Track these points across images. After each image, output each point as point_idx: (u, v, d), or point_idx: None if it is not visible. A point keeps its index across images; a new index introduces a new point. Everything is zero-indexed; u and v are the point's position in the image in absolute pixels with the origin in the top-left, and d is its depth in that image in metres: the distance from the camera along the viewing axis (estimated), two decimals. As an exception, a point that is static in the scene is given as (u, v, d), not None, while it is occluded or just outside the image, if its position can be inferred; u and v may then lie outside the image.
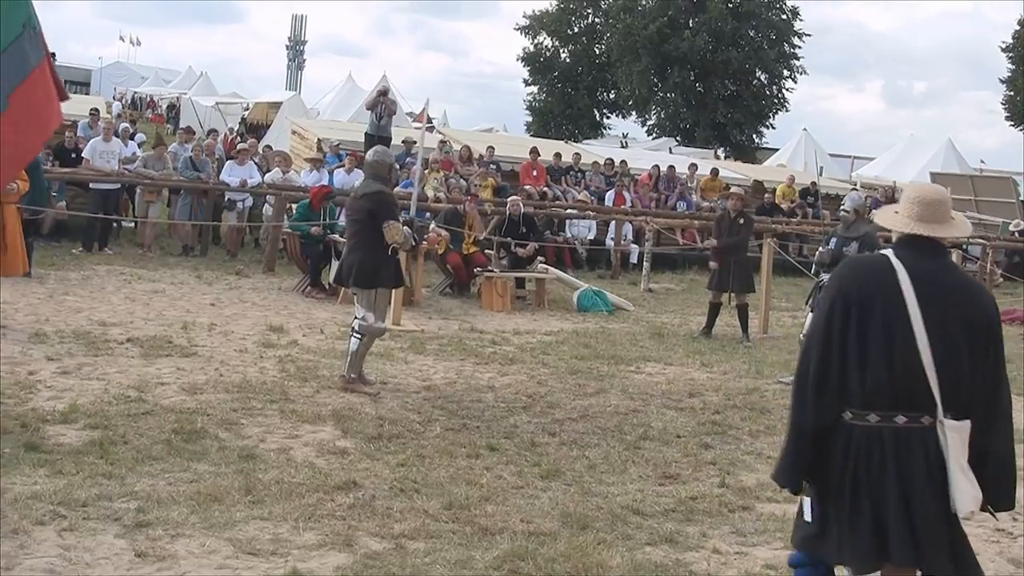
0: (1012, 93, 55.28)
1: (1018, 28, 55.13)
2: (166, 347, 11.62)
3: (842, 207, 13.26)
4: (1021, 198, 34.39)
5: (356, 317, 10.62)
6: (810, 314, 12.95)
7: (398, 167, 15.79)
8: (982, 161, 44.96)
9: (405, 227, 10.87)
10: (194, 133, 25.31)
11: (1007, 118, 56.81)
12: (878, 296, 4.37)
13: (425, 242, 16.11)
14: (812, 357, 4.47)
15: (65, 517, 6.32)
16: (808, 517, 4.60)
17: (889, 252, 4.53)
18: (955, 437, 4.33)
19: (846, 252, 12.41)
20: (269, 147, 26.10)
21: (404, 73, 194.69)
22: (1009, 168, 45.43)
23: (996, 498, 4.49)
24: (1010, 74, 55.64)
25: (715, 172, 28.45)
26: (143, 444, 7.95)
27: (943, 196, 4.61)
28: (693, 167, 28.65)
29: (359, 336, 10.49)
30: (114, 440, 7.96)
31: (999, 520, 4.91)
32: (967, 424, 4.37)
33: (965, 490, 4.32)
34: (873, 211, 28.33)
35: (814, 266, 13.54)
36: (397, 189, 16.96)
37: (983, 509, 4.50)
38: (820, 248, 13.46)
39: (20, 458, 7.32)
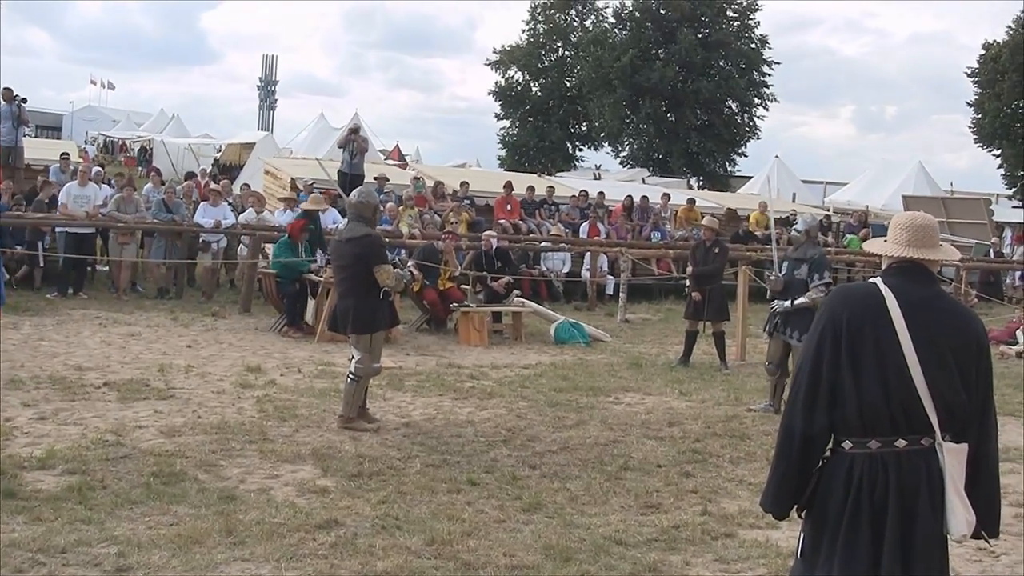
0: (980, 116, 55.75)
1: (983, 52, 55.68)
2: (143, 390, 11.57)
3: (794, 227, 13.30)
4: (993, 218, 34.61)
5: (352, 359, 10.59)
6: (769, 340, 13.06)
7: (382, 208, 15.76)
8: (952, 184, 45.21)
9: (396, 268, 10.87)
10: (160, 174, 25.31)
11: (975, 140, 57.26)
12: (868, 323, 4.37)
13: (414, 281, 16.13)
14: (801, 386, 4.46)
15: (44, 564, 6.27)
16: (800, 554, 4.58)
17: (878, 280, 4.54)
18: (953, 460, 4.33)
19: (797, 276, 12.47)
20: (247, 186, 26.10)
21: (376, 110, 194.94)
22: (979, 189, 45.79)
23: (985, 523, 4.49)
24: (977, 97, 56.13)
25: (691, 202, 28.55)
26: (122, 488, 7.91)
27: (932, 222, 4.65)
28: (666, 197, 28.75)
29: (355, 379, 10.47)
30: (92, 485, 7.92)
31: (989, 543, 4.90)
32: (964, 447, 4.37)
33: (960, 513, 4.31)
34: (846, 235, 28.49)
35: (768, 293, 13.53)
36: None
37: (975, 535, 4.49)
38: (771, 275, 13.46)
39: (-2, 506, 7.27)
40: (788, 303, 12.37)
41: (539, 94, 71.40)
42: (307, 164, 30.32)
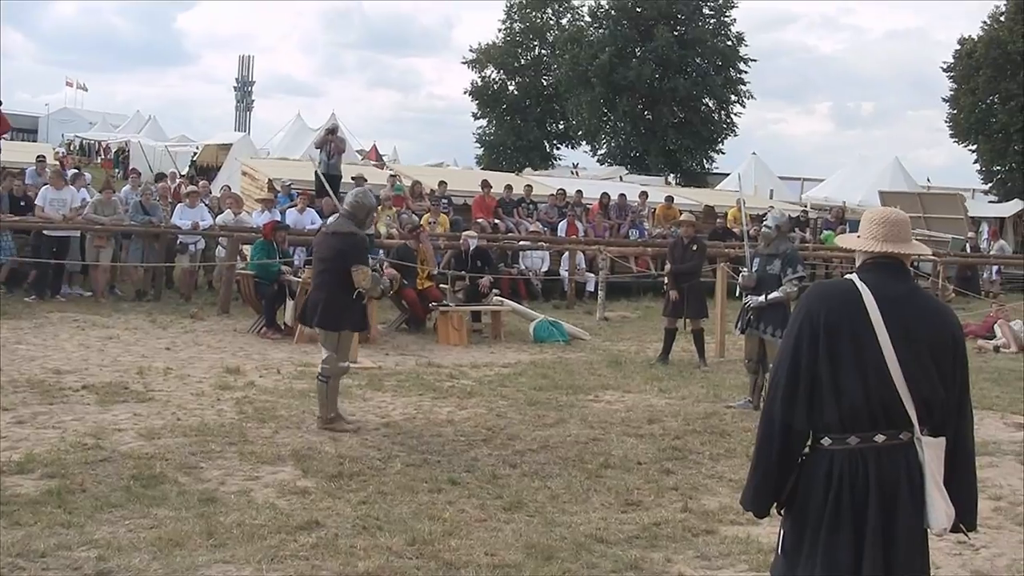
0: (955, 111, 55.97)
1: (958, 48, 55.89)
2: (122, 393, 11.54)
3: (764, 223, 13.32)
4: (968, 214, 34.79)
5: (321, 360, 10.59)
6: (743, 336, 13.11)
7: (375, 213, 15.68)
8: (928, 179, 45.41)
9: (374, 272, 10.85)
10: (139, 175, 25.21)
11: (951, 136, 57.48)
12: (846, 320, 4.38)
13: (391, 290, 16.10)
14: (779, 384, 4.47)
15: (24, 569, 6.24)
16: (780, 550, 4.59)
17: (854, 276, 4.55)
18: (932, 453, 4.35)
19: (769, 271, 12.52)
20: (227, 187, 26.01)
21: (354, 110, 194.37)
22: (955, 185, 45.98)
23: (964, 516, 4.51)
24: (952, 93, 56.36)
25: (670, 200, 28.62)
26: (102, 491, 7.88)
27: (903, 217, 4.68)
28: (644, 195, 28.80)
29: (324, 379, 10.45)
30: (72, 489, 7.89)
31: (968, 536, 4.92)
32: (943, 441, 4.39)
33: (940, 507, 4.33)
34: (823, 231, 28.62)
35: (739, 289, 13.57)
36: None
37: (955, 529, 4.51)
38: (743, 271, 13.47)
39: (-23, 510, 7.24)
40: (762, 298, 12.42)
41: (516, 93, 71.42)
42: (285, 165, 30.36)
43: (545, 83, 71.23)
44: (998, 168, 54.44)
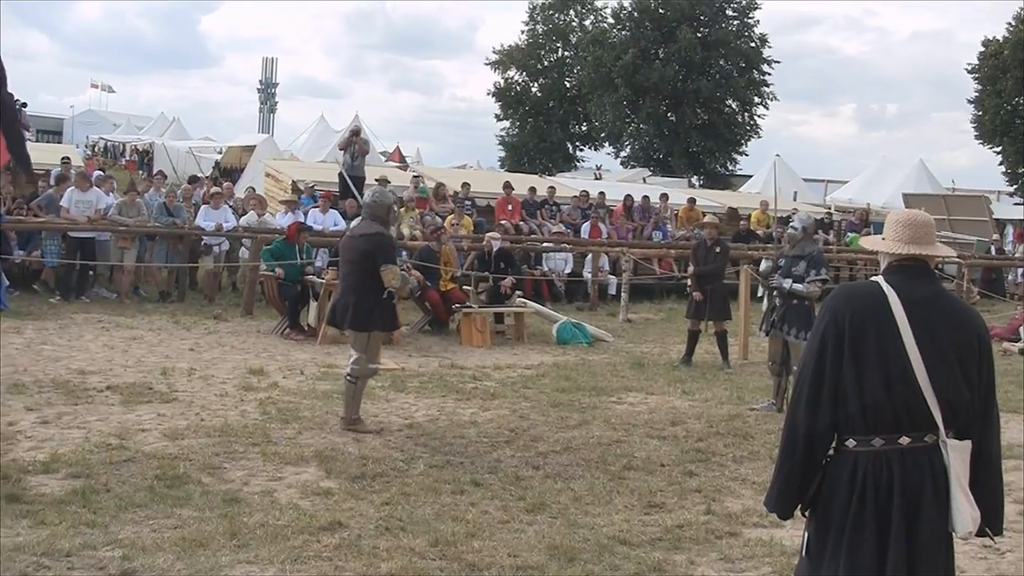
0: (980, 113, 55.79)
1: (983, 49, 55.71)
2: (146, 393, 11.57)
3: (791, 224, 13.22)
4: (993, 216, 34.63)
5: (350, 360, 10.60)
6: (766, 339, 13.05)
7: (396, 209, 15.71)
8: (953, 181, 45.23)
9: (402, 272, 10.85)
10: (165, 177, 25.29)
11: (976, 137, 57.30)
12: (871, 322, 4.36)
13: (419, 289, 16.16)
14: (804, 385, 4.46)
15: (49, 568, 6.27)
16: (805, 552, 4.58)
17: (879, 279, 4.54)
18: (957, 456, 4.33)
19: (794, 272, 12.43)
20: (252, 189, 26.06)
21: (377, 112, 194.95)
22: (980, 187, 45.79)
23: (989, 520, 4.49)
24: (977, 94, 56.18)
25: (692, 202, 28.57)
26: (126, 491, 7.91)
27: (928, 219, 4.66)
28: (664, 197, 28.76)
29: (353, 380, 10.47)
30: (96, 488, 7.92)
31: (994, 540, 4.89)
32: (968, 444, 4.37)
33: (965, 511, 4.31)
34: (848, 233, 28.52)
35: (760, 288, 13.41)
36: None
37: (980, 533, 4.49)
38: (770, 272, 12.99)
39: (1, 510, 7.26)
40: (787, 283, 12.30)
41: (539, 94, 71.50)
42: (308, 166, 30.44)
43: (568, 84, 71.36)
44: (1023, 170, 54.24)
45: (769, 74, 64.86)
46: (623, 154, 66.50)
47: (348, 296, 10.60)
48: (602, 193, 27.72)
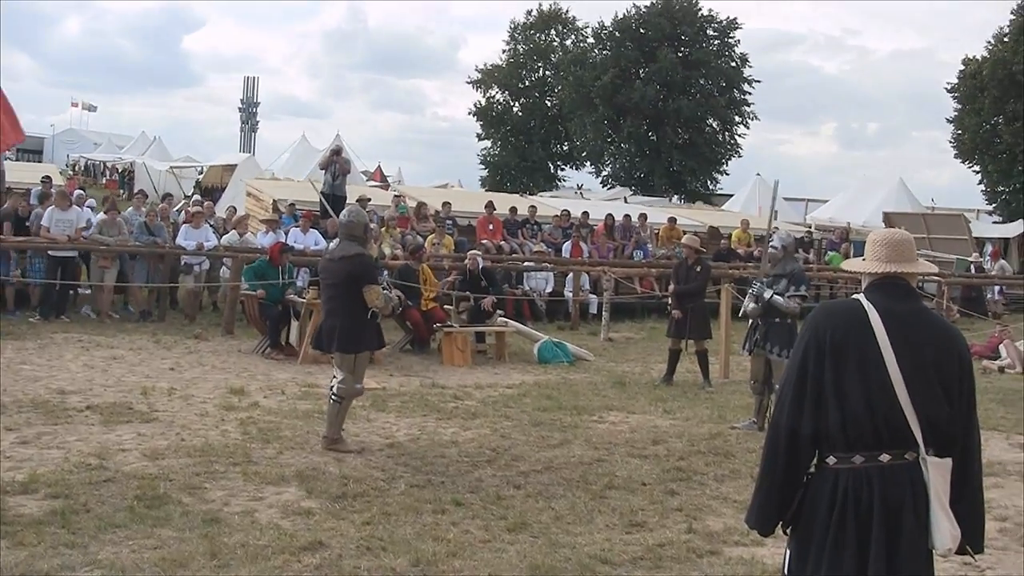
0: (959, 132, 56.10)
1: (962, 68, 56.03)
2: (126, 413, 11.53)
3: (770, 244, 13.24)
4: (972, 235, 34.80)
5: (335, 378, 10.57)
6: (747, 357, 13.07)
7: (373, 226, 15.68)
8: (932, 200, 45.44)
9: (385, 290, 10.83)
10: (146, 196, 25.24)
11: (956, 156, 57.60)
12: (852, 338, 4.38)
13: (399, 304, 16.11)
14: (785, 401, 4.48)
15: (28, 589, 6.24)
16: (786, 571, 4.58)
17: (860, 296, 4.56)
18: (937, 474, 4.34)
19: (775, 291, 12.47)
20: (233, 208, 26.01)
21: (359, 131, 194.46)
22: (959, 205, 46.00)
23: (970, 538, 4.50)
24: (956, 113, 56.49)
25: (673, 220, 28.62)
26: (105, 512, 7.87)
27: (907, 237, 4.69)
28: (643, 217, 28.80)
29: (338, 400, 10.45)
30: (76, 509, 7.88)
31: (974, 558, 4.90)
32: (948, 462, 4.38)
33: (945, 528, 4.32)
34: (828, 252, 28.61)
35: (742, 311, 13.39)
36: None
37: (961, 551, 4.50)
38: (751, 291, 13.01)
39: (-20, 531, 7.23)
40: (768, 292, 12.33)
41: (520, 114, 71.67)
42: (289, 185, 30.41)
43: (549, 104, 71.55)
44: (1002, 189, 54.59)
45: (750, 93, 65.19)
46: (604, 173, 66.67)
47: (333, 319, 10.58)
48: (585, 212, 27.77)
